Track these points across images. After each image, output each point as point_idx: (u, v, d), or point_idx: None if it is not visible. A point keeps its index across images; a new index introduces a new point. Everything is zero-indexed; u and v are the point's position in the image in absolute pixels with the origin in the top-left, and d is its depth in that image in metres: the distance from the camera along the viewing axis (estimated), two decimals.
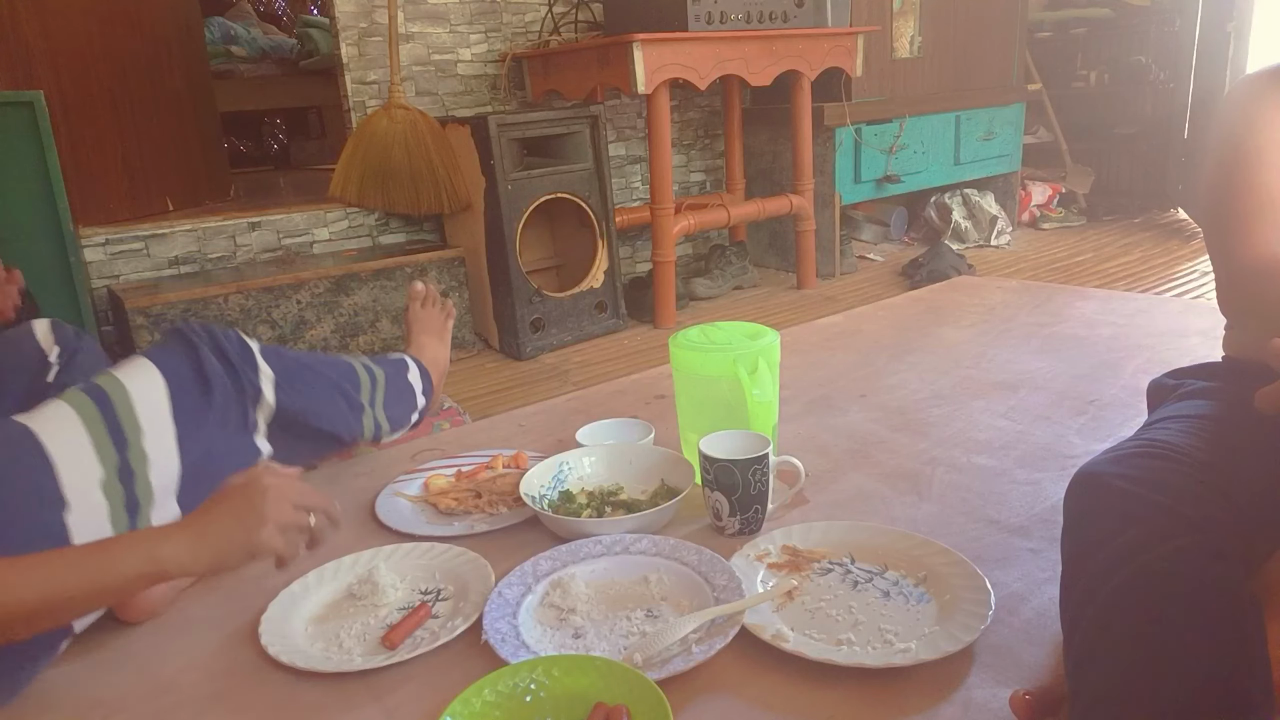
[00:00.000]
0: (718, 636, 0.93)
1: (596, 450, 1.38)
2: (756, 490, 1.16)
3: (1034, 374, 1.77)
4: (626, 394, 1.85)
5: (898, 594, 1.02)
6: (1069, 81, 4.06)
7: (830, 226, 3.01)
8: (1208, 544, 0.68)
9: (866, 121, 3.04)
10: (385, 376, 1.38)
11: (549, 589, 1.05)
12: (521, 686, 0.84)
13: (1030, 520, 1.20)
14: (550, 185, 2.40)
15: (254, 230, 2.35)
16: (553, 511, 1.22)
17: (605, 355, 2.33)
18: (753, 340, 1.31)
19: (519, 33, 2.74)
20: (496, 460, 1.44)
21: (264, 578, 1.15)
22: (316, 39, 4.01)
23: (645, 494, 1.30)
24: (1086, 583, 0.72)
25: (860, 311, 2.41)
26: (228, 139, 4.19)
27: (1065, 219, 3.78)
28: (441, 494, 1.32)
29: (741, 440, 1.21)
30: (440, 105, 2.61)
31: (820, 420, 1.61)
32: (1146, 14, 3.85)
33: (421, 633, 1.00)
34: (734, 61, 2.50)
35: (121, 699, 0.93)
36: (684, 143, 3.18)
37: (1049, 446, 1.43)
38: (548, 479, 1.31)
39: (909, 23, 3.11)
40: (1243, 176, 0.88)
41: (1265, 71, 0.93)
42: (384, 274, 2.25)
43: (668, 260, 2.53)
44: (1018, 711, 0.80)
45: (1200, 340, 1.90)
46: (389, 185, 2.43)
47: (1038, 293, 2.45)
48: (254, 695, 0.93)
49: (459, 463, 1.46)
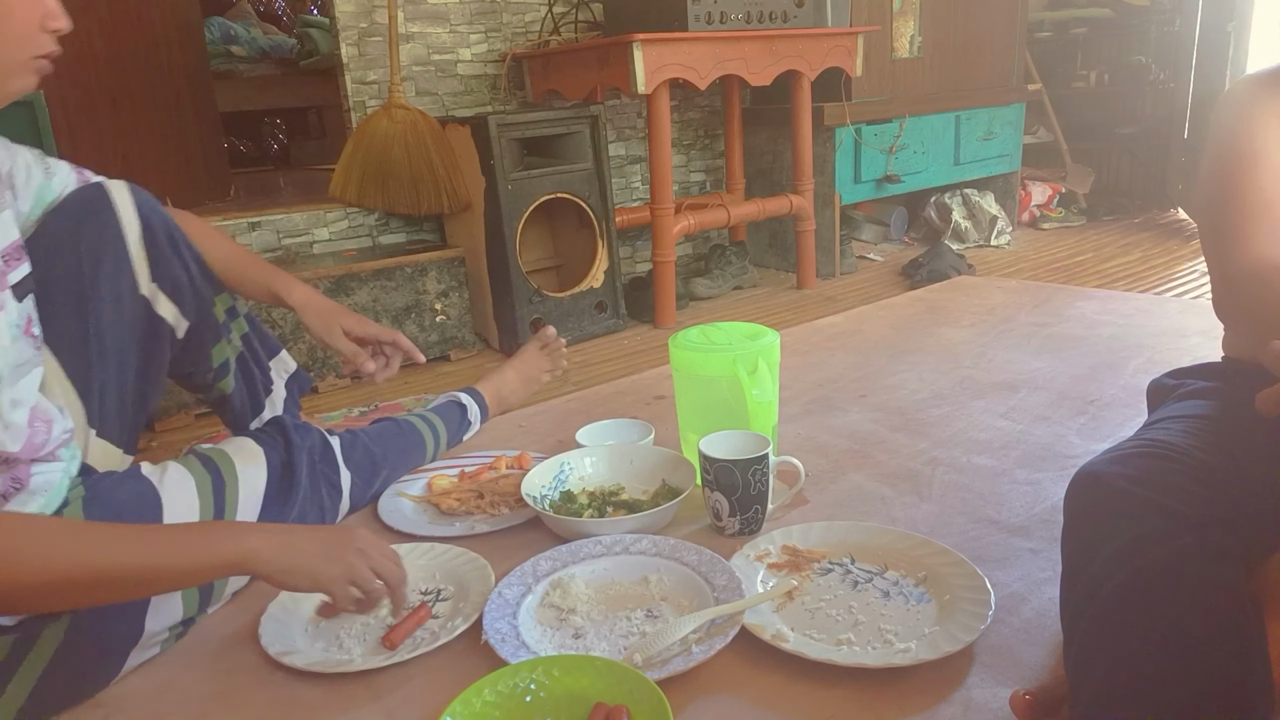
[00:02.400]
0: (718, 636, 0.93)
1: (598, 450, 1.38)
2: (756, 490, 1.16)
3: (1034, 374, 1.77)
4: (626, 394, 1.85)
5: (898, 594, 1.02)
6: (1069, 81, 4.06)
7: (830, 226, 3.01)
8: (1208, 544, 0.68)
9: (866, 121, 3.04)
10: (446, 431, 1.49)
11: (549, 589, 1.05)
12: (521, 686, 0.84)
13: (1030, 520, 1.20)
14: (550, 185, 2.40)
15: (254, 230, 2.35)
16: (554, 512, 1.22)
17: (605, 355, 2.33)
18: (753, 340, 1.31)
19: (519, 33, 2.74)
20: (500, 461, 1.44)
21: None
22: (316, 39, 4.01)
23: (646, 494, 1.30)
24: (1086, 583, 0.72)
25: (860, 311, 2.41)
26: (228, 139, 4.18)
27: (1065, 219, 3.78)
28: (444, 494, 1.33)
29: (741, 440, 1.21)
30: (440, 105, 2.61)
31: (820, 420, 1.61)
32: (1146, 14, 3.84)
33: (421, 633, 1.00)
34: (734, 61, 2.50)
35: (121, 699, 0.94)
36: (684, 143, 3.18)
37: (1049, 446, 1.43)
38: (549, 479, 1.32)
39: (909, 23, 3.11)
40: (1238, 180, 0.88)
41: (1261, 74, 0.93)
42: (384, 274, 2.24)
43: (668, 260, 2.53)
44: (1018, 711, 0.80)
45: (1200, 340, 1.90)
46: (389, 185, 2.43)
47: (1038, 293, 2.45)
48: (254, 695, 0.93)
49: (462, 463, 1.46)
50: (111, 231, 1.06)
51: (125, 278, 1.07)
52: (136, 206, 1.09)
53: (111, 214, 1.06)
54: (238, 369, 1.26)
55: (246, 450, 1.13)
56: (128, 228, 1.08)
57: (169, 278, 1.11)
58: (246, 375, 1.28)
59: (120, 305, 1.07)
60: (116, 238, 1.07)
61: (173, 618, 0.99)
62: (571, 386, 2.01)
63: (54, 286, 1.02)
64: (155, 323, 1.11)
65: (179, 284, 1.12)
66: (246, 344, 1.28)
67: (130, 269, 1.07)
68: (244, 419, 1.30)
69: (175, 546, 0.83)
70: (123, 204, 1.08)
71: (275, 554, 0.86)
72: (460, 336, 2.39)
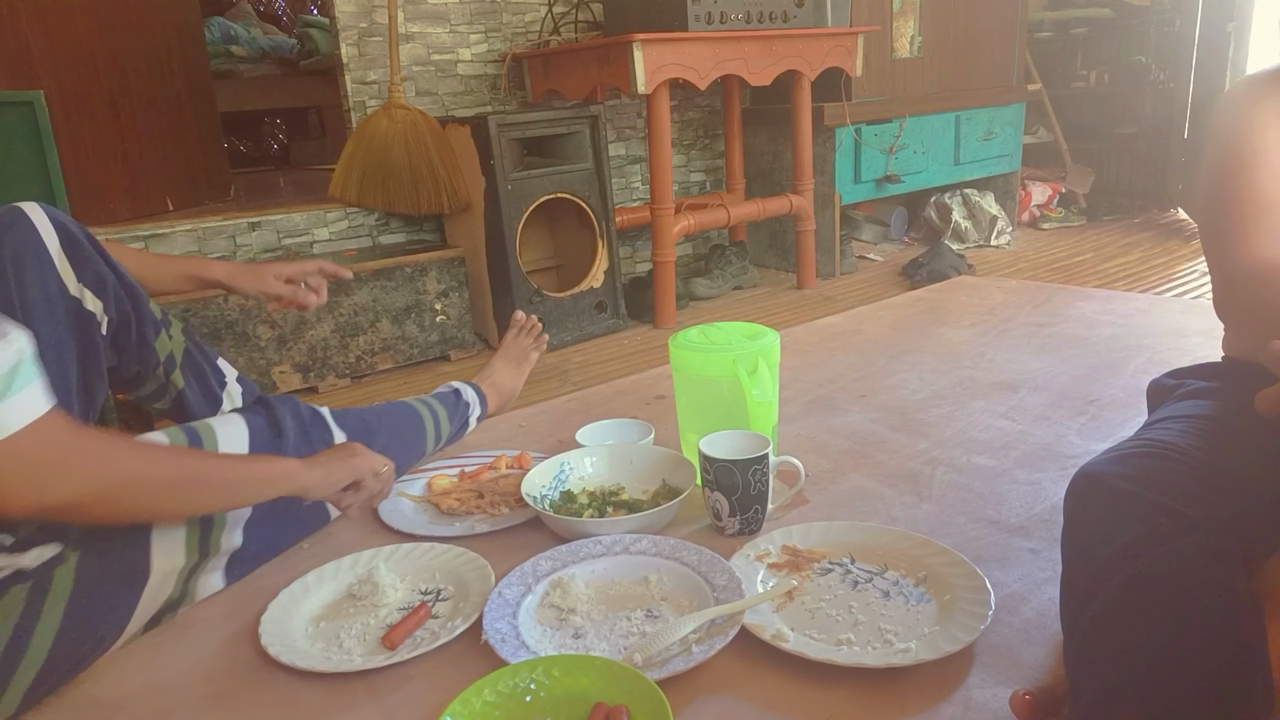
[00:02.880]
0: (718, 636, 0.93)
1: (598, 450, 1.38)
2: (756, 490, 1.16)
3: (1034, 374, 1.77)
4: (626, 394, 1.85)
5: (898, 594, 1.02)
6: (1069, 81, 4.06)
7: (830, 226, 3.01)
8: (1208, 544, 0.68)
9: (866, 121, 3.04)
10: (443, 407, 1.50)
11: (549, 589, 1.05)
12: (521, 686, 0.84)
13: (1030, 520, 1.20)
14: (550, 185, 2.40)
15: (254, 230, 2.35)
16: (554, 512, 1.22)
17: (605, 355, 2.33)
18: (753, 340, 1.31)
19: (519, 33, 2.74)
20: (500, 460, 1.44)
21: (264, 577, 1.15)
22: (316, 39, 4.00)
23: (647, 494, 1.30)
24: (1086, 583, 0.72)
25: (860, 311, 2.41)
26: (228, 139, 4.19)
27: (1065, 219, 3.78)
28: (444, 494, 1.33)
29: (741, 440, 1.21)
30: (440, 105, 2.61)
31: (820, 420, 1.61)
32: (1146, 14, 3.84)
33: (421, 633, 1.00)
34: (734, 61, 2.50)
35: (121, 699, 0.94)
36: (684, 143, 3.18)
37: (1049, 446, 1.43)
38: (549, 479, 1.31)
39: (909, 23, 3.11)
40: (1238, 180, 0.88)
41: (1261, 74, 0.93)
42: (384, 274, 2.24)
43: (668, 260, 2.53)
44: (1018, 711, 0.80)
45: (1200, 340, 1.90)
46: (389, 185, 2.43)
47: (1038, 293, 2.45)
48: (254, 695, 0.93)
49: (462, 463, 1.46)
50: (32, 240, 1.09)
51: (53, 281, 1.10)
52: (50, 219, 1.12)
53: (30, 227, 1.09)
54: (185, 363, 1.27)
55: (224, 418, 1.17)
56: (47, 238, 1.11)
57: (92, 275, 1.14)
58: (196, 370, 1.29)
59: (51, 305, 1.09)
60: (38, 246, 1.09)
61: (175, 560, 1.02)
62: (571, 386, 2.01)
63: None
64: (85, 317, 1.14)
65: (103, 280, 1.15)
66: (189, 338, 1.30)
67: (56, 273, 1.10)
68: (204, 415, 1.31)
69: (241, 461, 1.07)
70: (38, 219, 1.10)
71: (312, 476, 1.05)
72: (460, 336, 2.39)
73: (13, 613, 0.87)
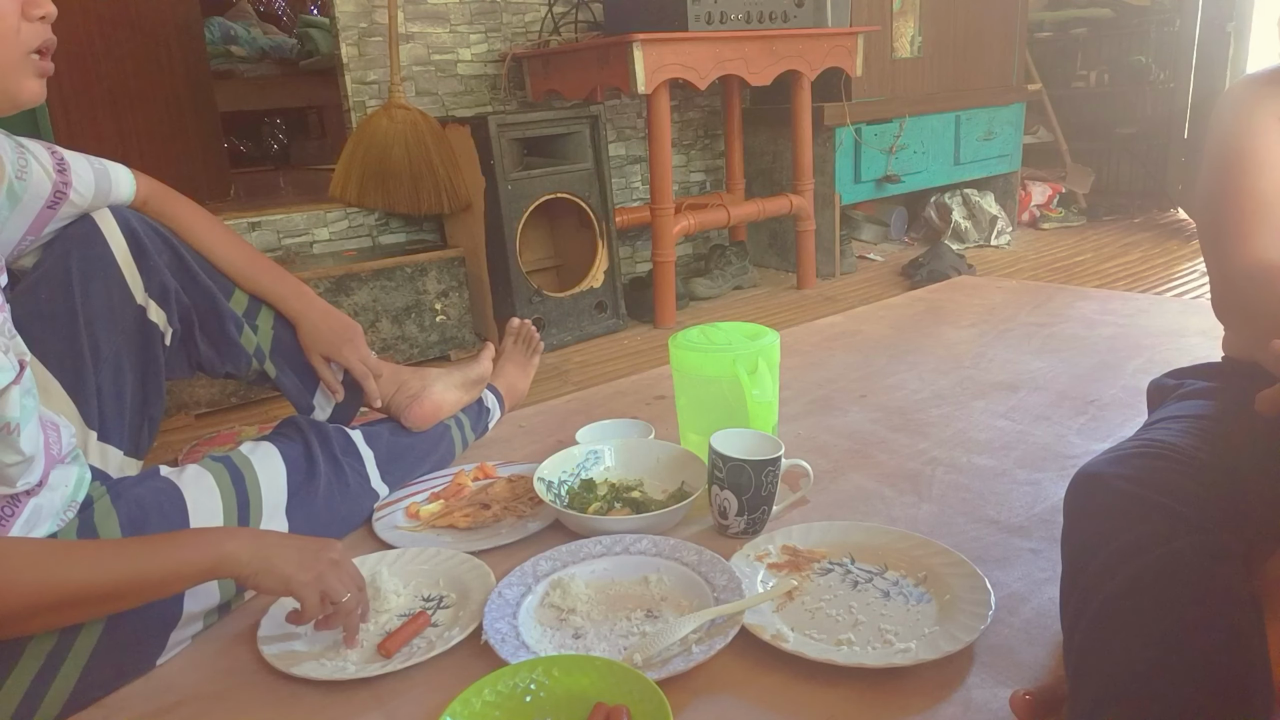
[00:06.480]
0: (718, 636, 0.93)
1: (628, 444, 1.39)
2: (767, 491, 1.16)
3: (1034, 374, 1.77)
4: (626, 394, 1.85)
5: (898, 594, 1.02)
6: (1069, 81, 4.06)
7: (830, 226, 3.01)
8: (1208, 544, 0.68)
9: (866, 121, 3.04)
10: (468, 418, 1.51)
11: (549, 589, 1.05)
12: (521, 687, 0.84)
13: (1030, 520, 1.20)
14: (550, 185, 2.40)
15: (254, 230, 2.35)
16: (569, 498, 1.26)
17: (605, 355, 2.33)
18: (753, 340, 1.31)
19: (519, 33, 2.74)
20: (462, 475, 1.40)
21: None
22: (316, 39, 4.00)
23: (665, 493, 1.30)
24: (1086, 583, 0.72)
25: (860, 311, 2.41)
26: (227, 139, 4.18)
27: (1065, 219, 3.78)
28: (446, 515, 1.29)
29: (752, 440, 1.21)
30: (440, 105, 2.61)
31: (820, 420, 1.61)
32: (1146, 14, 3.84)
33: (418, 641, 0.99)
34: (734, 61, 2.50)
35: (121, 699, 0.94)
36: (684, 143, 3.18)
37: (1049, 446, 1.43)
38: (571, 466, 1.33)
39: (909, 23, 3.11)
40: (1238, 181, 0.88)
41: (1260, 75, 0.93)
42: (384, 274, 2.24)
43: (668, 260, 2.53)
44: (1018, 711, 0.80)
45: (1200, 340, 1.90)
46: (389, 185, 2.43)
47: (1038, 293, 2.45)
48: (254, 696, 0.93)
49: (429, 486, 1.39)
50: (99, 249, 1.10)
51: (117, 291, 1.11)
52: (121, 226, 1.12)
53: (98, 237, 1.10)
54: (275, 350, 1.27)
55: (260, 448, 1.16)
56: (115, 248, 1.11)
57: (158, 286, 1.14)
58: (288, 356, 1.29)
59: (115, 316, 1.10)
60: (105, 255, 1.10)
61: (210, 601, 1.01)
62: (571, 387, 2.01)
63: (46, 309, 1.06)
64: (148, 329, 1.14)
65: (166, 291, 1.15)
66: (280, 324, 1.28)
67: (123, 283, 1.11)
68: (303, 400, 1.32)
69: (155, 556, 0.85)
70: (107, 227, 1.11)
71: (251, 556, 0.88)
72: (460, 336, 2.39)
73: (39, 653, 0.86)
